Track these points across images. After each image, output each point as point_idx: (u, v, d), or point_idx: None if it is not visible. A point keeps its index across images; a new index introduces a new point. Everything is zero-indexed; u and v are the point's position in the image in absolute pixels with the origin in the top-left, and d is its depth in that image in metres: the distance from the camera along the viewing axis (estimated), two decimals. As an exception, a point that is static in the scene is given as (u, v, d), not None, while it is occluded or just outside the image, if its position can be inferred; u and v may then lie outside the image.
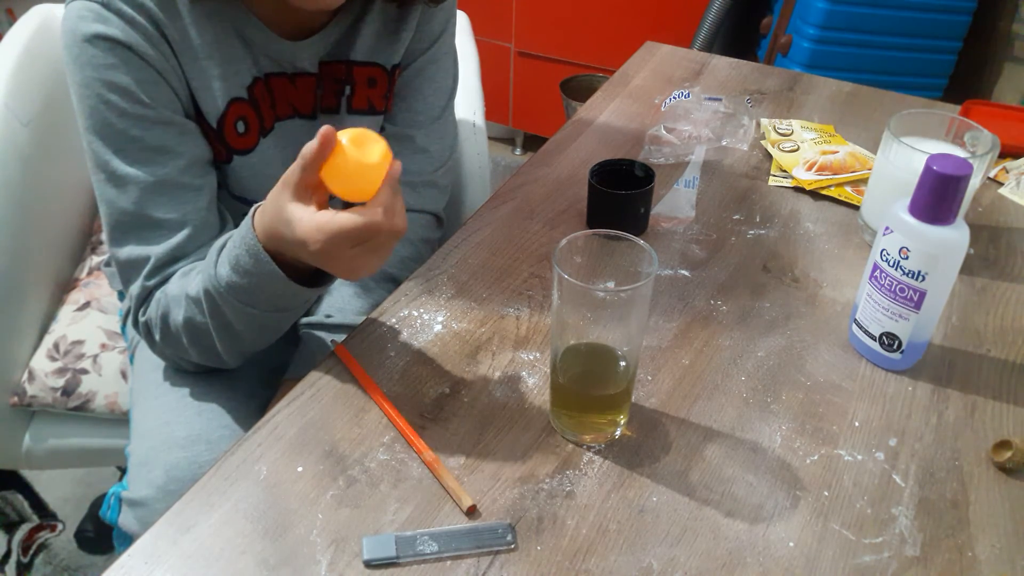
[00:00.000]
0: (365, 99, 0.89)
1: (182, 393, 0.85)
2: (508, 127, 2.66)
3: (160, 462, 0.79)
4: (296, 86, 0.85)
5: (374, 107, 0.90)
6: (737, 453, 0.65)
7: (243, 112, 0.81)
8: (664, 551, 0.58)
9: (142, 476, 0.80)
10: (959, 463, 0.65)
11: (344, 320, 0.86)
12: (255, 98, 0.82)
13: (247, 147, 0.83)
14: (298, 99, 0.86)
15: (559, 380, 0.64)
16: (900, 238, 0.67)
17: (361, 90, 0.89)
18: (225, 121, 0.80)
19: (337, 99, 0.88)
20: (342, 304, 0.88)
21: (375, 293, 0.89)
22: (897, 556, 0.58)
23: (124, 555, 0.57)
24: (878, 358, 0.74)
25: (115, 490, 0.84)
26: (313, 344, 0.85)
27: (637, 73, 1.24)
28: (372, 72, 0.88)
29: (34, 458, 1.09)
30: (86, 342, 1.09)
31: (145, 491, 0.78)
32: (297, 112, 0.86)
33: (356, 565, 0.56)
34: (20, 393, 1.05)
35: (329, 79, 0.86)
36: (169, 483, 0.77)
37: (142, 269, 0.76)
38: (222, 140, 0.81)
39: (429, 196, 0.96)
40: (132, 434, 0.87)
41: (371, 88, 0.89)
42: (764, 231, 0.91)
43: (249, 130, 0.82)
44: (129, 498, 0.79)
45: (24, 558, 1.27)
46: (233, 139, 0.81)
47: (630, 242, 0.61)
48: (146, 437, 0.83)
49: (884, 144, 0.84)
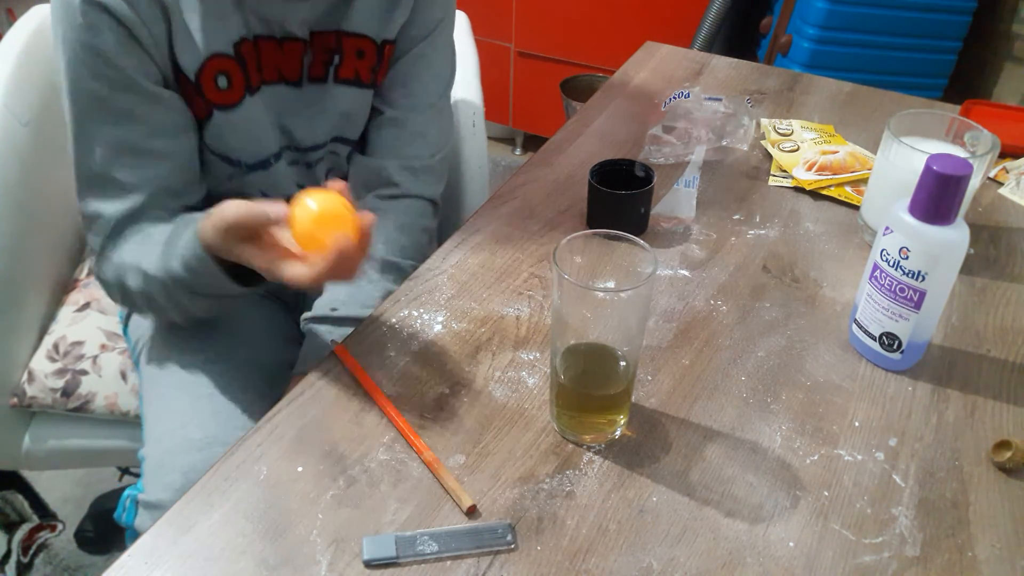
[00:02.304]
0: (352, 70, 0.90)
1: (196, 395, 0.85)
2: (508, 127, 2.66)
3: (177, 465, 0.80)
4: (283, 51, 0.85)
5: (360, 79, 0.91)
6: (737, 453, 0.65)
7: (226, 68, 0.81)
8: (664, 551, 0.58)
9: (159, 479, 0.80)
10: (959, 463, 0.65)
11: (349, 312, 0.86)
12: (242, 56, 0.82)
13: (229, 102, 0.83)
14: (285, 64, 0.86)
15: (559, 380, 0.64)
16: (900, 238, 0.67)
17: (349, 60, 0.89)
18: (203, 74, 0.80)
19: (325, 69, 0.89)
20: (346, 297, 0.88)
21: (379, 285, 0.89)
22: (897, 556, 0.58)
23: (124, 555, 0.57)
24: (878, 358, 0.74)
25: (130, 492, 0.84)
26: (317, 339, 0.86)
27: (637, 73, 1.24)
28: (361, 44, 0.89)
29: (34, 459, 1.09)
30: (86, 343, 1.08)
31: (163, 494, 0.78)
32: (283, 78, 0.87)
33: (356, 565, 0.56)
34: (20, 394, 1.05)
35: (319, 48, 0.87)
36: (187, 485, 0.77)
37: (100, 225, 0.80)
38: (200, 93, 0.81)
39: (427, 181, 0.97)
40: (146, 438, 0.87)
41: (359, 60, 0.89)
42: (764, 231, 0.91)
43: (232, 86, 0.83)
44: (146, 501, 0.80)
45: (24, 558, 1.27)
46: (212, 93, 0.82)
47: (630, 242, 0.61)
48: (161, 440, 0.83)
49: (884, 144, 0.84)
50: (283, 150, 0.90)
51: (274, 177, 0.90)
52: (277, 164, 0.90)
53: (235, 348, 0.91)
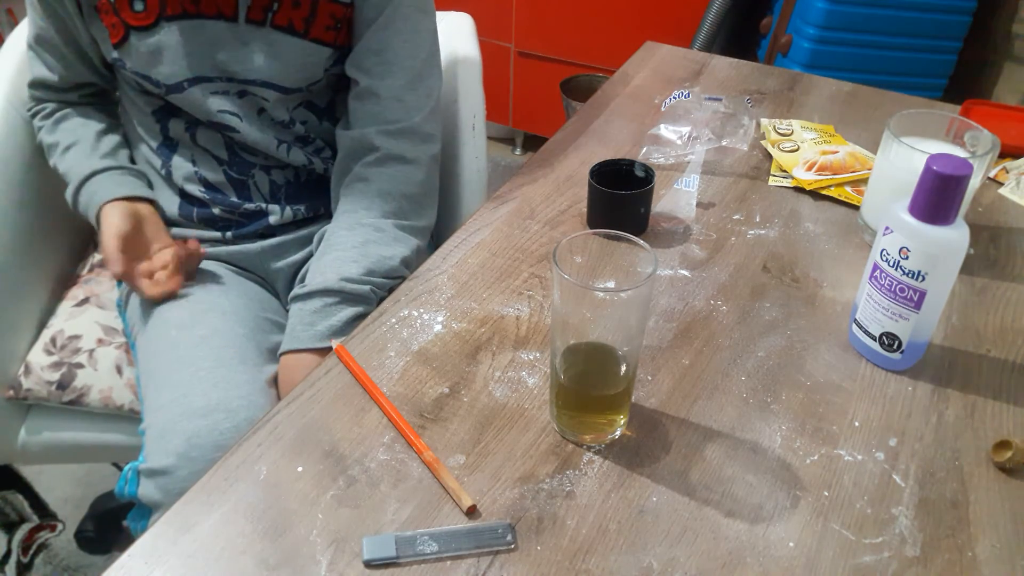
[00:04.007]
0: (287, 18, 0.93)
1: (196, 368, 0.87)
2: (508, 127, 2.66)
3: (180, 431, 0.81)
4: None
5: (294, 27, 0.94)
6: (737, 453, 0.65)
7: None
8: (664, 551, 0.58)
9: (161, 447, 0.81)
10: (959, 463, 0.65)
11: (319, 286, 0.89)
12: None
13: (143, 24, 0.92)
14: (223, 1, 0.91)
15: (559, 380, 0.64)
16: (900, 238, 0.67)
17: (285, 9, 0.93)
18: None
19: (264, 13, 0.93)
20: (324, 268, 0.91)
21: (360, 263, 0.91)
22: (897, 556, 0.58)
23: (124, 555, 0.57)
24: (878, 358, 0.74)
25: (132, 465, 0.85)
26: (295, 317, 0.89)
27: (637, 73, 1.24)
28: None
29: (30, 452, 1.10)
30: (83, 337, 1.09)
31: (166, 460, 0.79)
32: (221, 14, 0.92)
33: (356, 565, 0.56)
34: (16, 386, 1.06)
35: None
36: (191, 450, 0.78)
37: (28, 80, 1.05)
38: (116, 13, 0.92)
39: (410, 141, 0.98)
40: (146, 411, 0.88)
41: (294, 9, 0.93)
42: (764, 231, 0.91)
43: (147, 9, 0.91)
44: (148, 468, 0.80)
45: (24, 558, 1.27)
46: (127, 15, 0.92)
47: (630, 242, 0.61)
48: (163, 410, 0.85)
49: (884, 144, 0.84)
50: (201, 79, 0.95)
51: (190, 99, 0.96)
52: (192, 88, 0.95)
53: (231, 326, 0.94)
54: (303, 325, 0.88)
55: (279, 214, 1.04)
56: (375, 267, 0.90)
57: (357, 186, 0.96)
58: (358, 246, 0.91)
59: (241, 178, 1.03)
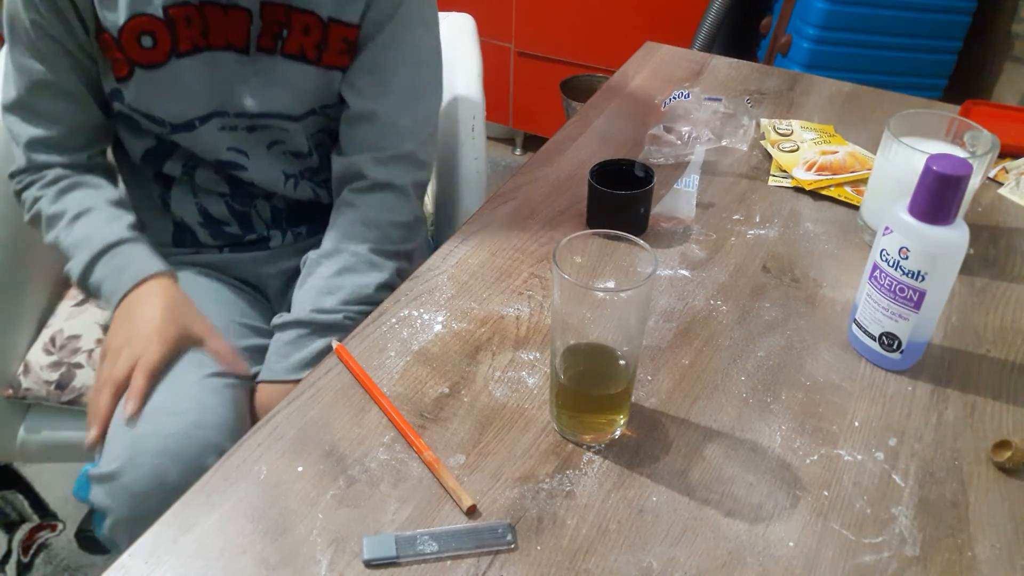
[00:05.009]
0: (298, 46, 0.91)
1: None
2: (508, 127, 2.66)
3: (123, 435, 0.80)
4: (228, 18, 0.87)
5: (306, 55, 0.91)
6: (737, 453, 0.65)
7: (152, 28, 0.86)
8: (664, 551, 0.58)
9: (109, 451, 0.80)
10: (959, 463, 0.65)
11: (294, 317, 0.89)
12: (171, 18, 0.85)
13: (152, 62, 0.87)
14: (232, 31, 0.88)
15: (559, 380, 0.64)
16: (900, 238, 0.67)
17: (295, 36, 0.90)
18: (124, 32, 0.85)
19: (274, 41, 0.90)
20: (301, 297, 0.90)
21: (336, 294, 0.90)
22: (897, 556, 0.58)
23: (124, 555, 0.57)
24: (878, 358, 0.74)
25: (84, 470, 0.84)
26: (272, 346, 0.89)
27: (637, 73, 1.24)
28: (307, 20, 0.90)
29: (28, 451, 1.10)
30: (82, 337, 1.09)
31: (112, 465, 0.78)
32: (231, 45, 0.89)
33: (356, 565, 0.56)
34: (15, 386, 1.06)
35: (268, 19, 0.89)
36: (136, 455, 0.78)
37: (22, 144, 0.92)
38: (122, 50, 0.86)
39: (399, 168, 0.95)
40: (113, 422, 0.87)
41: (305, 36, 0.90)
42: (764, 231, 0.91)
43: (157, 46, 0.87)
44: (96, 474, 0.80)
45: (24, 558, 1.27)
46: (135, 52, 0.87)
47: (630, 242, 0.61)
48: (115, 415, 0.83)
49: (884, 144, 0.84)
50: (214, 114, 0.92)
51: (200, 139, 0.93)
52: (203, 127, 0.92)
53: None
54: (277, 356, 0.88)
55: (280, 239, 1.03)
56: (349, 297, 0.89)
57: (344, 211, 0.95)
58: (334, 275, 0.90)
59: (244, 210, 1.01)
